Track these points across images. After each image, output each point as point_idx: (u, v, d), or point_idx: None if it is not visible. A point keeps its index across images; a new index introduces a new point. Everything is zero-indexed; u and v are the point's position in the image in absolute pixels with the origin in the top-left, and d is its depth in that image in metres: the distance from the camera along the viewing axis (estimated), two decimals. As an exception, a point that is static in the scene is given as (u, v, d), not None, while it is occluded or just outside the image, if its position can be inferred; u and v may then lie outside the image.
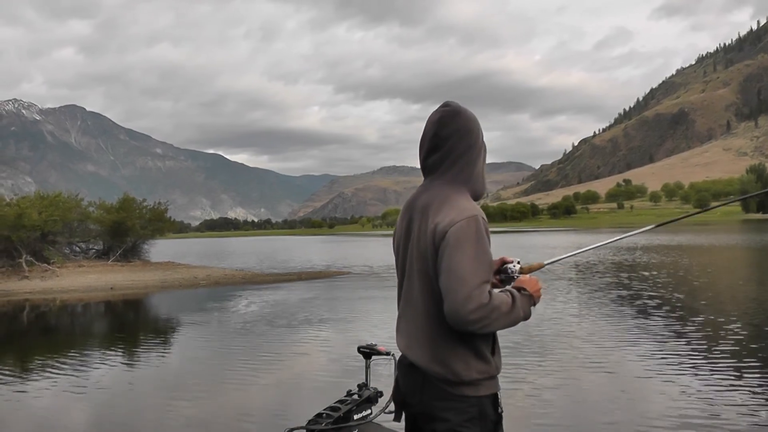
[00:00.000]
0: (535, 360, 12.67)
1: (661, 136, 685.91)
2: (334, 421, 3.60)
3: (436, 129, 3.38)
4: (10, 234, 35.92)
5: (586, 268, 35.20)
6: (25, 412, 10.62)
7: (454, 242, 3.08)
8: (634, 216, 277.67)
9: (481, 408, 3.19)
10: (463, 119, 3.38)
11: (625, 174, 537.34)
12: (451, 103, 3.45)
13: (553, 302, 21.19)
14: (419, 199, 3.43)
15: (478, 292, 3.01)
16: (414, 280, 3.34)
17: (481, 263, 3.08)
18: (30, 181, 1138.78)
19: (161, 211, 47.16)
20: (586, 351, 13.42)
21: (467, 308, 2.99)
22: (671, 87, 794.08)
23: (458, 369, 3.17)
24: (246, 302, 25.73)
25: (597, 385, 10.93)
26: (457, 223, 3.11)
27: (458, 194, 3.28)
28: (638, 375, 11.32)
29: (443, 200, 3.26)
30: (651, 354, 12.85)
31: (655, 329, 15.66)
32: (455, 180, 3.34)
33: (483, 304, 3.01)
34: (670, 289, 24.25)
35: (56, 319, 24.65)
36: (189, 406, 10.51)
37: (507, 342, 14.06)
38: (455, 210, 3.17)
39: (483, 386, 3.21)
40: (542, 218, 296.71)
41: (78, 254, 44.36)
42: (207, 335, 18.31)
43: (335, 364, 13.40)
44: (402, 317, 3.49)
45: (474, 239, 3.10)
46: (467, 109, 3.42)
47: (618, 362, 12.42)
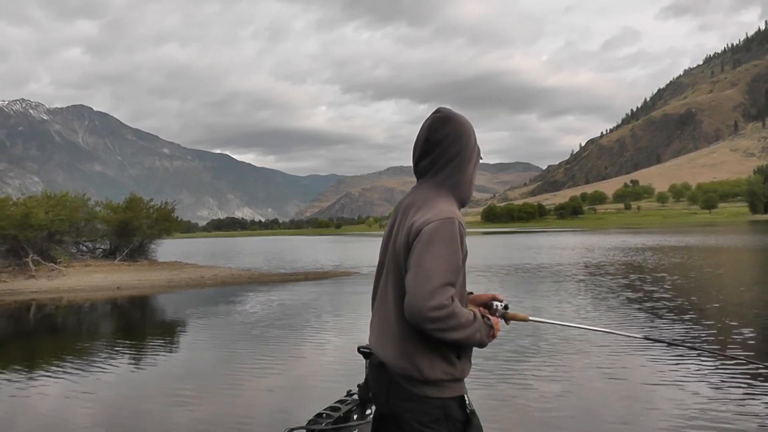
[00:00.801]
0: (541, 365, 12.50)
1: (668, 136, 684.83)
2: (334, 421, 3.63)
3: (427, 134, 3.43)
4: (17, 233, 35.89)
5: (597, 268, 35.04)
6: (31, 412, 10.57)
7: (426, 239, 3.10)
8: (641, 217, 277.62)
9: (446, 410, 3.19)
10: (454, 125, 3.41)
11: (632, 174, 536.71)
12: (443, 108, 3.49)
13: (562, 304, 21.09)
14: (405, 200, 3.49)
15: (440, 291, 3.01)
16: (389, 277, 3.37)
17: (449, 264, 3.08)
18: (37, 180, 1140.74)
19: (168, 210, 47.10)
20: (594, 355, 13.25)
21: (427, 304, 2.98)
22: (679, 87, 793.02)
23: (422, 366, 3.18)
24: (251, 302, 25.71)
25: (604, 391, 10.72)
26: (432, 222, 3.14)
27: (441, 197, 3.32)
28: (647, 381, 11.09)
29: (424, 201, 3.31)
30: (660, 359, 12.64)
31: (666, 333, 15.47)
32: (442, 184, 3.38)
33: (443, 304, 3.00)
34: (680, 291, 24.01)
35: (62, 319, 24.55)
36: (190, 405, 10.45)
37: (514, 346, 13.97)
38: (433, 210, 3.20)
39: (447, 388, 3.21)
40: (549, 219, 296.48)
41: (85, 254, 44.35)
42: (208, 335, 18.27)
43: (337, 365, 13.30)
44: (375, 315, 3.50)
45: (447, 240, 3.11)
46: (460, 115, 3.45)
47: (626, 367, 12.23)
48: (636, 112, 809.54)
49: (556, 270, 35.02)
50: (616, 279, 28.83)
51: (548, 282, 28.65)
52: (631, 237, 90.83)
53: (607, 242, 74.08)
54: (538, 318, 3.87)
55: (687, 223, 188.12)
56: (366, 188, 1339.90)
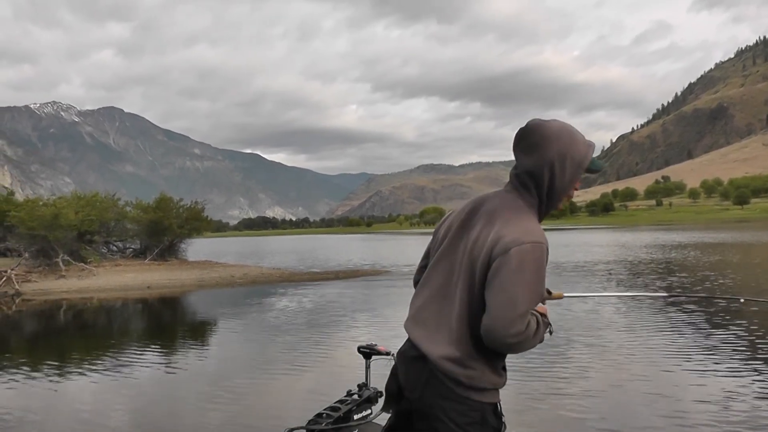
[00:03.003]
0: (579, 364, 12.28)
1: (699, 131, 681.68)
2: (334, 421, 3.74)
3: (516, 140, 3.31)
4: (47, 233, 35.98)
5: (633, 266, 34.70)
6: (66, 409, 10.70)
7: (516, 263, 3.00)
8: (673, 213, 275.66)
9: (483, 413, 3.16)
10: (536, 136, 3.26)
11: (663, 170, 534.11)
12: (533, 120, 3.36)
13: (602, 305, 20.72)
14: (490, 202, 3.34)
15: (521, 320, 2.98)
16: (458, 278, 3.24)
17: (534, 293, 3.04)
18: (69, 181, 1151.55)
19: (198, 210, 47.06)
20: (632, 356, 12.93)
21: (509, 332, 2.97)
22: (710, 81, 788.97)
23: (474, 375, 3.14)
24: (280, 301, 25.74)
25: (640, 392, 10.24)
26: (523, 245, 3.02)
27: (529, 214, 3.21)
28: (685, 383, 10.75)
29: (514, 214, 3.18)
30: (702, 363, 12.21)
31: (707, 335, 15.06)
32: (526, 196, 3.25)
33: (521, 331, 2.98)
34: (724, 290, 23.50)
35: (93, 318, 24.63)
36: (190, 406, 10.51)
37: (552, 345, 13.69)
38: (521, 229, 3.08)
39: (488, 394, 3.19)
40: (581, 216, 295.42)
41: (115, 253, 44.51)
42: (236, 335, 18.31)
43: (342, 364, 13.17)
44: (426, 308, 3.36)
45: (536, 267, 3.04)
46: (550, 124, 3.30)
47: (664, 370, 11.82)
48: (667, 107, 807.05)
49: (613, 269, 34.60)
50: (656, 279, 28.42)
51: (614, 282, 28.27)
52: (663, 234, 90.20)
53: (638, 240, 73.58)
54: (572, 293, 3.82)
55: (719, 220, 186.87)
56: (396, 186, 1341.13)
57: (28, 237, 37.53)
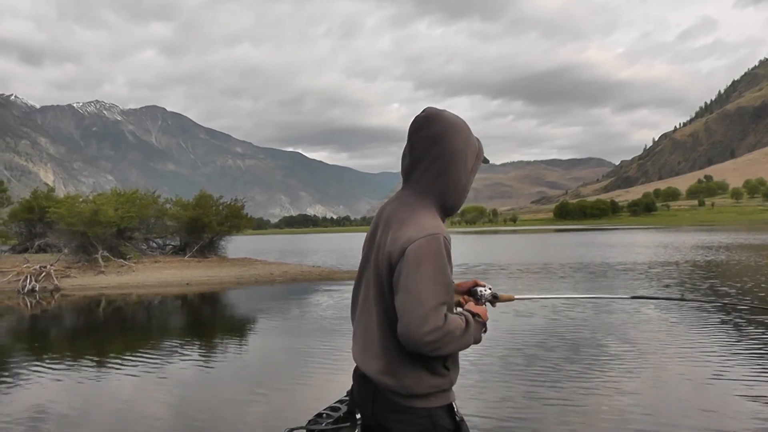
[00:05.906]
0: (619, 368, 12.07)
1: (743, 130, 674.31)
2: (334, 421, 3.61)
3: (408, 135, 3.26)
4: (86, 230, 36.19)
5: (672, 266, 34.20)
6: (105, 403, 10.78)
7: (412, 261, 2.94)
8: (715, 214, 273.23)
9: (433, 419, 3.09)
10: (439, 125, 3.18)
11: (706, 170, 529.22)
12: (430, 108, 3.27)
13: (642, 308, 20.35)
14: (387, 208, 3.30)
15: (433, 314, 2.89)
16: (371, 289, 3.23)
17: (439, 284, 2.94)
18: (111, 179, 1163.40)
19: (238, 207, 47.03)
20: (675, 360, 12.58)
21: (422, 330, 2.87)
22: (754, 79, 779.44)
23: (409, 383, 3.07)
24: (318, 299, 25.67)
25: (682, 398, 9.95)
26: (416, 241, 2.97)
27: (423, 208, 3.14)
28: (730, 392, 10.36)
29: (407, 214, 3.13)
30: (746, 370, 11.96)
31: (750, 341, 14.73)
32: (426, 191, 3.18)
33: (437, 327, 2.89)
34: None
35: (132, 313, 24.69)
36: (191, 406, 10.42)
37: (591, 342, 13.43)
38: (415, 226, 3.03)
39: (435, 398, 3.11)
40: (622, 216, 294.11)
41: (155, 250, 44.64)
42: (273, 332, 18.22)
43: (341, 364, 12.88)
44: (357, 324, 3.36)
45: (433, 259, 2.96)
46: (449, 114, 3.24)
47: (707, 376, 11.40)
48: (710, 105, 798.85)
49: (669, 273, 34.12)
50: (702, 282, 27.94)
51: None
52: (706, 235, 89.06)
53: (680, 241, 72.73)
54: (523, 295, 3.78)
55: (762, 220, 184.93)
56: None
57: (67, 233, 37.78)
